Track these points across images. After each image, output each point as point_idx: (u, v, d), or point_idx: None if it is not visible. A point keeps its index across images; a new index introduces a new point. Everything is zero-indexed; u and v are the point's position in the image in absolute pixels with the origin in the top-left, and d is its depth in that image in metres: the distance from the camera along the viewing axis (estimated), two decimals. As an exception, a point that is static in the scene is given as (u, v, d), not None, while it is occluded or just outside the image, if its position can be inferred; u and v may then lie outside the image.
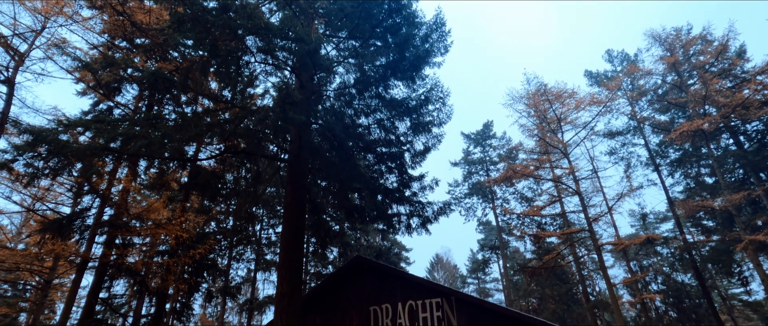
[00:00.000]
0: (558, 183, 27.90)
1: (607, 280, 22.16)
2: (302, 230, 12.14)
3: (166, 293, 18.60)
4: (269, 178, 17.36)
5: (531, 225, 33.82)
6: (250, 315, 31.38)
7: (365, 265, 13.55)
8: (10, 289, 32.17)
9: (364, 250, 32.11)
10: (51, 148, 10.99)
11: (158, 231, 17.52)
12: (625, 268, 41.02)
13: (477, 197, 40.87)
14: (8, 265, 21.24)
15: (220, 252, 27.63)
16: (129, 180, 17.32)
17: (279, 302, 10.81)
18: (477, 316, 11.03)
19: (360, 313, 12.81)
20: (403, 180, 13.86)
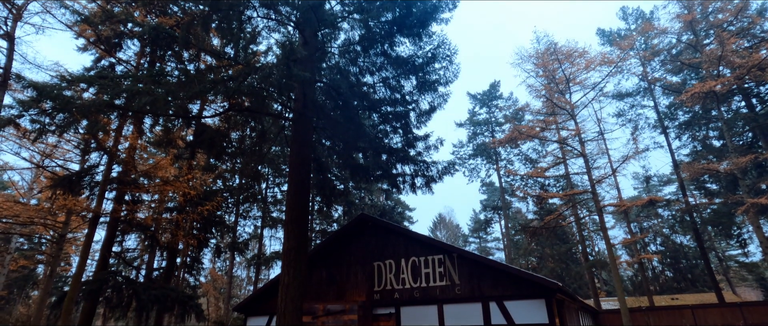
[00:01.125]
0: (563, 144, 27.76)
1: (606, 241, 22.53)
2: (307, 188, 12.28)
3: (176, 248, 19.19)
4: (274, 137, 17.37)
5: (534, 187, 34.06)
6: (257, 269, 32.48)
7: (370, 222, 13.82)
8: (26, 242, 33.31)
9: (368, 209, 32.64)
10: (56, 104, 10.97)
11: (166, 188, 17.82)
12: (626, 229, 41.60)
13: (481, 158, 40.90)
14: (23, 219, 21.85)
15: (227, 210, 28.18)
16: (135, 138, 17.41)
17: (286, 256, 11.13)
18: (477, 272, 11.35)
19: (364, 268, 13.21)
20: (408, 140, 13.82)
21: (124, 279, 17.09)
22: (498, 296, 10.82)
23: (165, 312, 17.93)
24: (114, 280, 16.43)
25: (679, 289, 38.92)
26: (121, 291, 16.42)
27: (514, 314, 10.45)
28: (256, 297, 14.83)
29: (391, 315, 12.30)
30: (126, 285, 16.55)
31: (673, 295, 34.93)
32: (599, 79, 26.31)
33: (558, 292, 10.32)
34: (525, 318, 10.32)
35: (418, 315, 11.85)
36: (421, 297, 11.90)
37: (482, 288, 11.12)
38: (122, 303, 16.45)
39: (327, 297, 13.43)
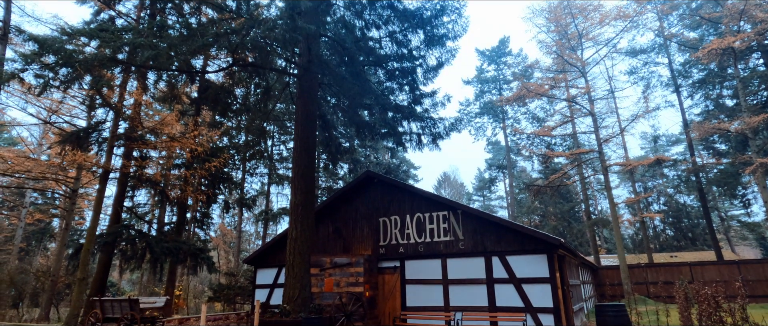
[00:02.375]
0: (572, 103, 27.30)
1: (610, 200, 22.67)
2: (314, 144, 12.31)
3: (185, 203, 19.60)
4: (279, 94, 17.20)
5: (540, 146, 33.89)
6: (265, 224, 33.27)
7: (375, 179, 13.93)
8: (40, 197, 34.15)
9: (373, 167, 32.83)
10: (58, 58, 10.84)
11: (173, 145, 17.94)
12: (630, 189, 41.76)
13: (488, 116, 40.49)
14: (35, 175, 22.24)
15: (234, 166, 28.46)
16: (139, 94, 17.32)
17: (293, 211, 11.36)
18: (481, 228, 11.55)
19: (370, 224, 13.47)
20: (415, 97, 13.64)
21: (137, 232, 17.62)
22: (501, 251, 11.07)
23: (178, 263, 18.59)
24: (127, 233, 16.95)
25: (678, 247, 39.58)
26: (135, 243, 16.97)
27: (516, 267, 10.73)
28: (265, 251, 15.29)
29: (396, 268, 12.69)
30: (139, 238, 17.08)
31: (672, 253, 35.58)
32: (613, 35, 25.43)
33: (560, 248, 10.52)
34: (526, 272, 10.60)
35: (422, 268, 12.20)
36: (426, 251, 12.21)
37: (485, 244, 11.36)
38: (136, 254, 17.06)
39: (334, 251, 13.82)
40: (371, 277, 12.51)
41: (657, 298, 20.79)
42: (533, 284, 10.42)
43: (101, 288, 15.79)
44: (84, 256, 15.36)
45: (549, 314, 10.06)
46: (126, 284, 40.39)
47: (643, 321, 13.37)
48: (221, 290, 19.64)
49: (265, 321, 9.79)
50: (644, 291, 22.02)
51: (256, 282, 15.11)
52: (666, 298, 19.86)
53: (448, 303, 11.40)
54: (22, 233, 31.66)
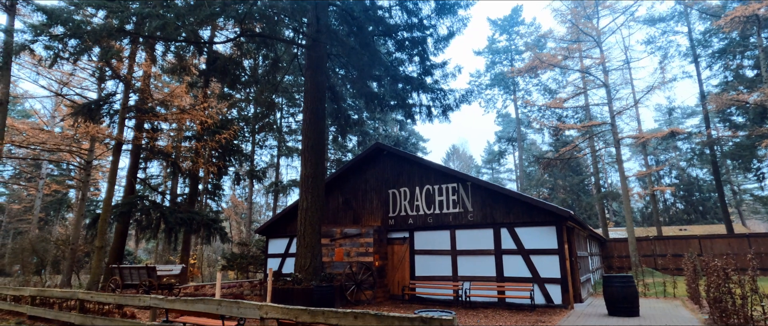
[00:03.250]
0: (585, 74, 26.67)
1: (621, 173, 22.46)
2: (323, 115, 12.26)
3: (197, 175, 19.87)
4: (287, 65, 17.04)
5: (551, 118, 33.39)
6: (275, 196, 33.71)
7: (385, 151, 13.92)
8: (55, 168, 34.85)
9: (382, 140, 32.78)
10: (67, 29, 10.79)
11: (183, 117, 18.02)
12: (642, 162, 41.28)
13: (499, 88, 39.84)
14: (50, 147, 22.63)
15: (244, 139, 28.61)
16: (148, 65, 17.28)
17: (304, 183, 11.46)
18: (490, 200, 11.57)
19: (379, 195, 13.57)
20: (425, 68, 13.41)
21: (151, 203, 17.98)
22: (509, 222, 11.11)
23: (191, 233, 19.04)
24: (142, 204, 17.32)
25: (688, 221, 39.39)
26: (149, 213, 17.36)
27: (525, 239, 10.80)
28: (276, 221, 15.55)
29: (405, 239, 12.85)
30: (153, 209, 17.46)
31: (681, 226, 35.45)
32: (631, 2, 24.49)
33: (568, 220, 10.53)
34: (535, 243, 10.67)
35: (430, 239, 12.35)
36: (435, 222, 12.31)
37: (494, 215, 11.41)
38: (151, 225, 17.48)
39: (344, 222, 14.00)
40: (381, 248, 12.71)
41: (665, 271, 20.89)
42: (541, 255, 10.50)
43: (119, 256, 16.30)
44: (101, 226, 15.79)
45: (556, 284, 10.19)
46: (142, 253, 41.61)
47: (650, 291, 13.50)
48: (234, 259, 20.15)
49: (278, 289, 10.07)
50: (652, 264, 22.12)
51: (268, 252, 15.44)
52: (674, 271, 19.94)
53: (457, 273, 11.58)
54: (41, 203, 32.53)
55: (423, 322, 3.87)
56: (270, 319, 5.35)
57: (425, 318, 3.86)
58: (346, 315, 4.47)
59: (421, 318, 3.90)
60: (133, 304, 7.39)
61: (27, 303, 9.41)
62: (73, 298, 8.37)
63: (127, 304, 7.63)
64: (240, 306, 5.60)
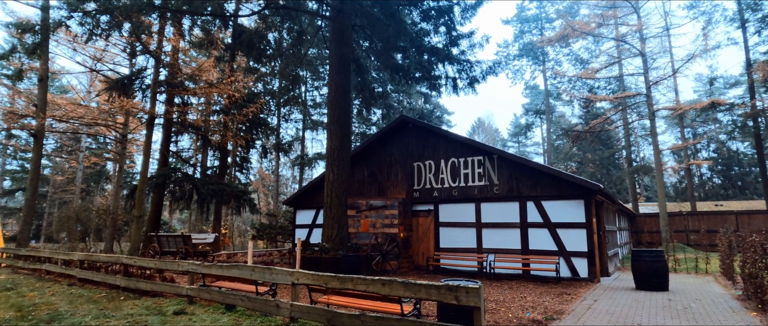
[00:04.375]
0: (620, 42, 25.40)
1: (655, 146, 21.65)
2: (348, 88, 12.25)
3: (226, 148, 20.39)
4: (311, 38, 16.96)
5: (582, 89, 32.24)
6: (301, 169, 34.32)
7: (410, 124, 13.87)
8: (93, 142, 36.47)
9: (406, 112, 32.55)
10: (98, 5, 11.05)
11: (211, 91, 18.36)
12: (678, 135, 39.56)
13: (527, 58, 38.53)
14: (87, 121, 23.60)
15: (269, 112, 29.02)
16: (177, 40, 17.56)
17: (329, 155, 11.61)
18: (517, 173, 11.43)
19: (404, 168, 13.62)
20: (451, 38, 13.08)
21: (184, 175, 18.67)
22: (536, 196, 10.99)
23: (222, 204, 19.73)
24: (175, 176, 18.00)
25: (725, 197, 37.85)
26: (182, 185, 18.05)
27: (551, 212, 10.69)
28: (303, 193, 15.90)
29: (429, 211, 12.94)
30: (186, 181, 18.13)
31: (717, 202, 34.14)
32: (673, -36, 22.88)
33: (598, 194, 10.32)
34: (562, 216, 10.55)
35: (455, 211, 12.39)
36: (459, 195, 12.31)
37: (520, 189, 11.30)
38: (184, 195, 18.20)
39: (369, 194, 14.18)
40: (405, 219, 12.87)
41: (698, 247, 20.33)
42: (568, 228, 10.40)
43: (155, 225, 17.14)
44: (139, 196, 16.56)
45: (582, 258, 10.11)
46: (176, 222, 43.53)
47: (681, 267, 13.22)
48: (263, 229, 20.84)
49: (306, 258, 10.41)
50: (684, 240, 21.54)
51: (295, 223, 15.89)
52: (708, 247, 19.37)
53: (481, 245, 11.64)
54: (82, 175, 34.29)
55: (449, 290, 3.96)
56: (301, 285, 5.58)
57: (452, 286, 3.95)
58: (373, 282, 4.61)
59: (448, 285, 3.98)
60: (172, 269, 7.83)
61: (76, 267, 10.10)
62: (117, 263, 8.93)
63: (166, 269, 8.08)
64: (272, 272, 5.85)
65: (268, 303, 5.88)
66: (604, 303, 7.24)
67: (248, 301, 6.15)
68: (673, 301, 7.38)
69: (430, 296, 4.11)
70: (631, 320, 5.86)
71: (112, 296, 7.92)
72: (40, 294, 8.32)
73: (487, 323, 5.81)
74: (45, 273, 11.46)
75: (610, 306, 6.96)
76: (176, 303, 7.03)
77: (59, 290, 8.80)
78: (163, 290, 7.82)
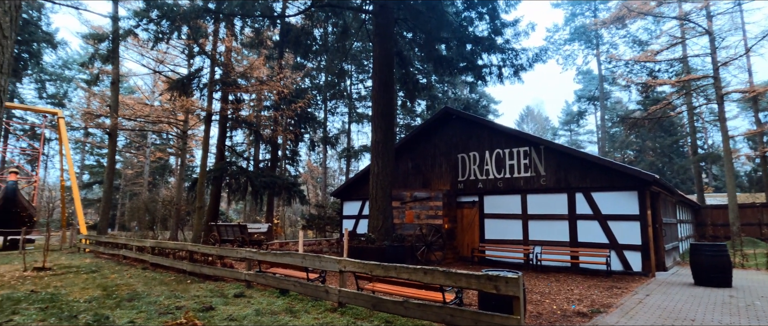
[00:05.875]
0: (684, 21, 23.56)
1: (724, 132, 20.01)
2: (392, 82, 12.45)
3: (276, 142, 21.38)
4: (356, 32, 17.29)
5: (640, 73, 30.28)
6: (347, 161, 35.12)
7: (454, 115, 13.84)
8: (158, 139, 39.37)
9: (451, 103, 32.23)
10: (161, 12, 11.98)
11: (262, 87, 19.27)
12: (752, 119, 36.12)
13: (579, 42, 36.73)
14: (152, 119, 25.56)
15: (316, 107, 29.90)
16: (229, 41, 18.57)
17: (374, 148, 11.91)
18: (565, 164, 11.13)
19: (448, 160, 13.66)
20: (495, 27, 12.87)
21: (239, 168, 19.82)
22: (586, 187, 10.66)
23: (274, 196, 20.77)
24: (231, 169, 19.16)
25: (809, 186, 34.13)
26: (238, 178, 19.18)
27: (602, 204, 10.33)
28: (349, 185, 16.39)
29: (474, 202, 12.92)
30: (241, 174, 19.25)
31: (800, 192, 30.89)
32: (747, -69, 20.79)
33: (653, 185, 9.84)
34: (613, 208, 10.17)
35: (501, 203, 12.28)
36: (505, 187, 12.18)
37: (569, 180, 10.99)
38: (240, 188, 19.34)
39: (413, 186, 14.37)
40: (450, 211, 12.94)
41: (772, 241, 18.67)
42: (620, 221, 10.02)
43: (214, 215, 18.39)
44: (199, 188, 17.83)
45: (636, 251, 9.73)
46: (232, 213, 46.15)
47: (750, 262, 12.29)
48: (312, 219, 21.68)
49: (353, 247, 10.83)
50: (756, 233, 19.86)
51: (342, 213, 16.43)
52: (783, 241, 17.75)
53: (528, 237, 11.49)
54: (149, 169, 37.24)
55: (489, 279, 4.09)
56: (348, 272, 5.92)
57: (491, 276, 4.07)
58: (416, 271, 4.83)
59: (488, 275, 4.11)
60: (231, 256, 8.49)
61: (148, 253, 11.18)
62: (183, 249, 9.79)
63: (226, 256, 8.77)
64: (322, 260, 6.23)
65: (318, 289, 6.27)
66: (656, 297, 7.00)
67: (300, 287, 6.59)
68: (734, 298, 6.98)
69: (470, 285, 4.26)
70: (684, 316, 5.66)
71: (179, 279, 8.73)
72: (120, 276, 9.33)
73: (530, 314, 5.85)
74: (122, 257, 12.76)
75: (663, 301, 6.71)
76: (235, 287, 7.65)
77: (135, 273, 9.81)
78: (223, 275, 8.51)
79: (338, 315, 5.48)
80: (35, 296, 6.80)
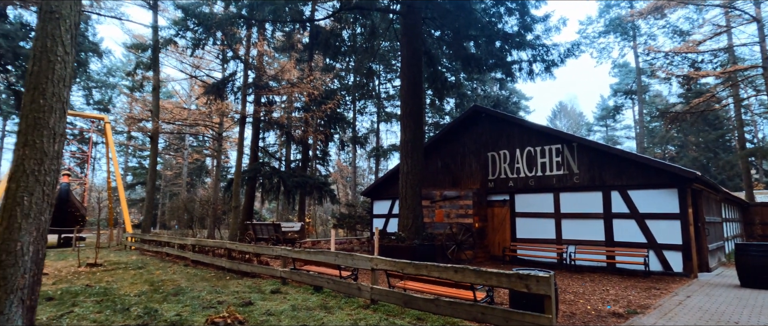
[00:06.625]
0: (729, 8, 22.33)
1: (774, 125, 18.84)
2: (420, 81, 12.50)
3: (307, 142, 21.85)
4: (383, 32, 17.43)
5: (681, 65, 28.85)
6: (377, 160, 35.38)
7: (483, 114, 13.74)
8: (195, 141, 40.99)
9: (480, 100, 31.86)
10: (197, 20, 12.53)
11: (293, 90, 19.76)
12: (807, 111, 33.73)
13: (614, 35, 35.40)
14: (189, 122, 26.66)
15: (345, 107, 30.29)
16: (261, 45, 19.14)
17: (403, 148, 12.01)
18: (599, 161, 10.85)
19: (478, 158, 13.57)
20: (525, 23, 12.67)
21: (272, 169, 20.41)
22: (621, 185, 10.36)
23: (306, 195, 21.23)
24: (264, 170, 19.76)
25: None
26: (271, 178, 19.75)
27: (639, 203, 10.01)
28: (379, 184, 16.56)
29: (505, 201, 12.80)
30: (273, 174, 19.82)
31: None
32: None
33: (694, 182, 9.45)
34: (651, 207, 9.84)
35: (532, 201, 12.11)
36: (536, 185, 12.00)
37: (604, 177, 10.71)
38: (273, 187, 19.92)
39: (443, 185, 14.37)
40: (480, 210, 12.87)
41: (830, 241, 17.44)
42: (659, 220, 9.69)
43: (249, 214, 19.01)
44: (235, 189, 18.49)
45: (677, 251, 9.38)
46: (265, 212, 47.43)
47: (804, 264, 11.55)
48: (343, 218, 22.03)
49: (383, 246, 10.98)
50: (813, 233, 18.59)
51: (373, 212, 16.62)
52: (844, 241, 16.55)
53: (561, 236, 11.28)
54: (187, 170, 38.84)
55: (520, 278, 4.12)
56: (379, 270, 6.06)
57: (522, 275, 4.10)
58: (446, 269, 4.91)
59: (518, 274, 4.14)
60: (267, 254, 8.83)
61: (189, 250, 11.75)
62: (222, 247, 10.24)
63: (262, 254, 9.12)
64: (354, 258, 6.40)
65: (351, 286, 6.45)
66: (698, 299, 6.76)
67: (334, 284, 6.79)
68: (785, 301, 6.64)
69: (501, 284, 4.30)
70: (728, 318, 5.46)
71: (219, 276, 9.15)
72: (164, 272, 9.87)
73: (563, 313, 5.80)
74: (165, 255, 13.45)
75: (705, 302, 6.48)
76: (272, 283, 7.95)
77: (177, 269, 10.34)
78: (260, 272, 8.86)
79: (371, 312, 5.63)
80: (90, 290, 7.33)
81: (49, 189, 3.76)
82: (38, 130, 3.71)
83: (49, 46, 3.82)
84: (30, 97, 3.76)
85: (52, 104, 3.80)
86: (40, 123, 3.72)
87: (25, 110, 3.75)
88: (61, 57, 3.88)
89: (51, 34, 3.83)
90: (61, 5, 3.88)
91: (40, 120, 3.73)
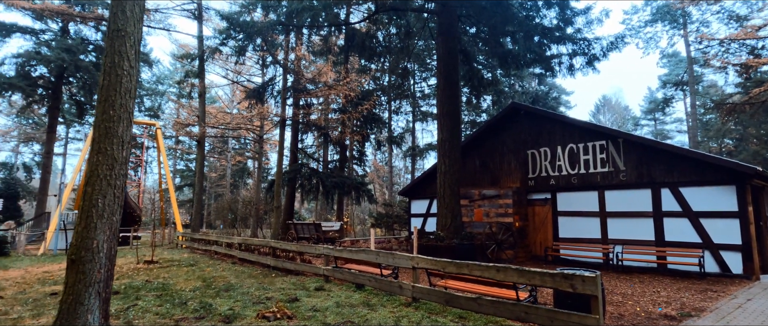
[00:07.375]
0: (793, -11, 20.60)
1: None
2: (457, 79, 12.44)
3: (344, 143, 22.23)
4: (418, 32, 17.45)
5: (739, 52, 26.95)
6: (413, 160, 35.39)
7: (522, 111, 13.49)
8: (237, 144, 42.65)
9: (518, 97, 31.15)
10: (239, 28, 13.09)
11: (330, 92, 20.17)
12: None
13: (662, 23, 33.54)
14: (232, 125, 27.78)
15: (381, 107, 30.51)
16: (299, 49, 19.68)
17: (441, 147, 12.00)
18: (647, 157, 10.38)
19: (517, 156, 13.33)
20: (565, 16, 12.31)
21: (310, 170, 20.93)
22: (672, 182, 9.86)
23: (344, 195, 21.61)
24: (303, 171, 20.30)
25: None
26: (310, 179, 20.27)
27: (692, 201, 9.49)
28: (416, 184, 16.61)
29: (546, 200, 12.50)
30: (312, 175, 20.32)
31: None
32: None
33: (754, 177, 8.85)
34: (706, 205, 9.31)
35: (575, 200, 11.76)
36: (579, 183, 11.64)
37: (652, 174, 10.24)
38: (312, 188, 20.43)
39: (481, 184, 14.22)
40: (520, 209, 12.64)
41: None
42: (715, 218, 9.16)
43: (290, 214, 19.60)
44: (276, 189, 19.13)
45: (735, 252, 8.83)
46: (304, 212, 48.60)
47: None
48: (381, 218, 22.25)
49: (422, 245, 11.03)
50: None
51: (410, 212, 16.69)
52: None
53: (606, 235, 10.89)
54: (230, 172, 40.47)
55: (564, 278, 4.08)
56: (420, 269, 6.14)
57: (567, 274, 4.06)
58: (488, 268, 4.92)
59: (563, 274, 4.11)
60: (309, 252, 9.12)
61: (236, 249, 12.31)
62: (266, 246, 10.66)
63: (305, 252, 9.43)
64: (395, 256, 6.52)
65: (392, 285, 6.57)
66: (760, 302, 6.36)
67: (375, 282, 6.94)
68: None
69: (545, 283, 4.27)
70: (794, 323, 5.12)
71: (265, 273, 9.55)
72: (214, 269, 10.41)
73: (611, 315, 5.65)
74: (213, 253, 14.15)
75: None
76: (315, 281, 8.22)
77: (226, 267, 10.88)
78: (303, 269, 9.16)
79: (413, 310, 5.72)
80: (150, 285, 7.88)
81: (119, 192, 4.12)
82: (109, 138, 4.07)
83: (116, 62, 4.19)
84: (101, 108, 4.13)
85: (120, 114, 4.16)
86: (111, 132, 4.09)
87: (97, 120, 4.13)
88: (126, 71, 4.24)
89: (118, 51, 4.19)
90: (127, 23, 4.24)
91: (111, 129, 4.09)
